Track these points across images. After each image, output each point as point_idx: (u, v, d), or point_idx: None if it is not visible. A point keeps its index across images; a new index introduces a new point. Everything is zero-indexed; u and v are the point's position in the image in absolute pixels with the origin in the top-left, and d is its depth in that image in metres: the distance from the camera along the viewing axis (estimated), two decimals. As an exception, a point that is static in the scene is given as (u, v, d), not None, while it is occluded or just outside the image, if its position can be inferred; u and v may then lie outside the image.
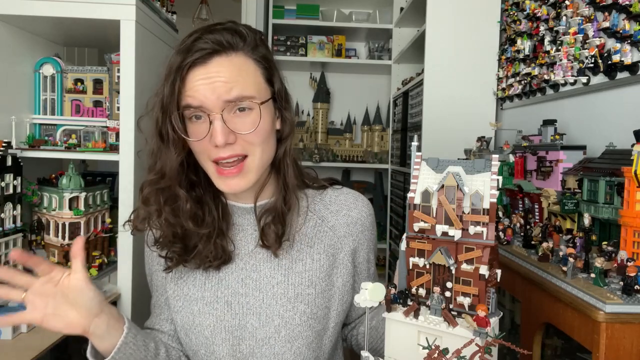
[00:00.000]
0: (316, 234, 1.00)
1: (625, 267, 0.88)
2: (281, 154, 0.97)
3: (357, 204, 1.05)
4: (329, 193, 1.05)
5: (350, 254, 1.02)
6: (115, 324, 0.89)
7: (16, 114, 1.60)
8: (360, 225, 1.03)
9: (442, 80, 2.35)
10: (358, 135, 3.70)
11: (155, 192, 0.92)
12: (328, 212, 1.03)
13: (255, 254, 0.98)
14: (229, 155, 0.87)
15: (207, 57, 0.86)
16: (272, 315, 0.95)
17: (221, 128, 0.85)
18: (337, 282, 1.00)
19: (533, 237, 1.19)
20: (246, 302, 0.96)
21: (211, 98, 0.85)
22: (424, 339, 0.71)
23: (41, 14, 1.52)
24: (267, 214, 0.97)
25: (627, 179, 0.95)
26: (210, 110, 0.86)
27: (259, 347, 0.95)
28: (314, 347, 0.98)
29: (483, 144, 1.92)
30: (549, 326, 1.06)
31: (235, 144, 0.88)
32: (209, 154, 0.89)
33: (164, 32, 1.85)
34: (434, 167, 0.78)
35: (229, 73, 0.86)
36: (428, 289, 0.74)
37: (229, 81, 0.86)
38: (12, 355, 1.11)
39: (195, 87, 0.86)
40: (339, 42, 3.51)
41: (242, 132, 0.87)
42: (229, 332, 0.95)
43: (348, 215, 1.03)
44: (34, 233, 1.59)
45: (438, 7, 2.35)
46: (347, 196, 1.05)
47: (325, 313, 0.99)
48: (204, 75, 0.86)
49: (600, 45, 1.46)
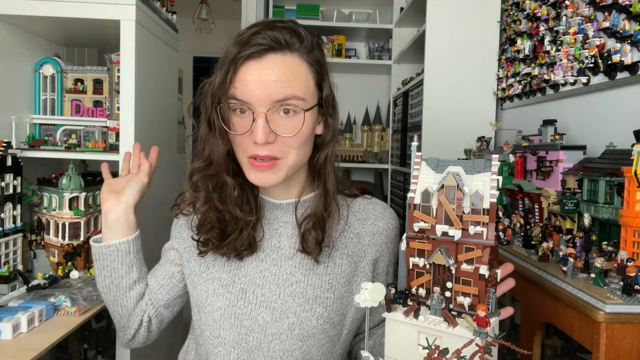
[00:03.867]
0: (341, 239, 1.00)
1: (625, 267, 0.88)
2: (322, 159, 0.97)
3: (384, 214, 1.05)
4: (358, 201, 1.06)
5: (372, 263, 1.02)
6: (126, 228, 1.06)
7: (16, 114, 1.60)
8: (385, 236, 1.04)
9: (442, 80, 2.35)
10: (358, 135, 3.70)
11: (204, 178, 0.95)
12: (355, 219, 1.03)
13: (278, 249, 0.99)
14: (265, 154, 0.88)
15: (262, 52, 0.87)
16: (287, 312, 0.95)
17: (263, 127, 0.86)
18: (355, 290, 1.00)
19: (533, 237, 1.19)
20: (261, 294, 0.96)
21: (260, 96, 0.86)
22: (424, 339, 0.71)
23: (41, 14, 1.52)
24: (307, 220, 0.97)
25: (627, 179, 0.95)
26: (256, 108, 0.86)
27: (267, 341, 0.95)
28: (324, 351, 0.97)
29: (483, 144, 1.92)
30: (549, 326, 1.06)
31: (274, 144, 0.88)
32: (246, 148, 0.90)
33: (164, 32, 1.85)
34: (434, 167, 0.78)
35: (281, 72, 0.87)
36: (428, 289, 0.74)
37: (281, 80, 0.86)
38: (12, 355, 1.10)
39: (246, 81, 0.86)
40: (339, 42, 3.51)
41: (283, 134, 0.88)
42: (238, 319, 0.95)
43: (375, 225, 1.03)
44: (34, 233, 1.59)
45: (438, 7, 2.35)
46: (376, 206, 1.06)
47: (341, 319, 0.99)
48: (256, 71, 0.86)
49: (600, 45, 1.46)
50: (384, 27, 3.36)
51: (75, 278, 1.55)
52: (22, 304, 1.31)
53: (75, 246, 1.61)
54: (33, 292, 1.39)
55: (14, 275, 1.43)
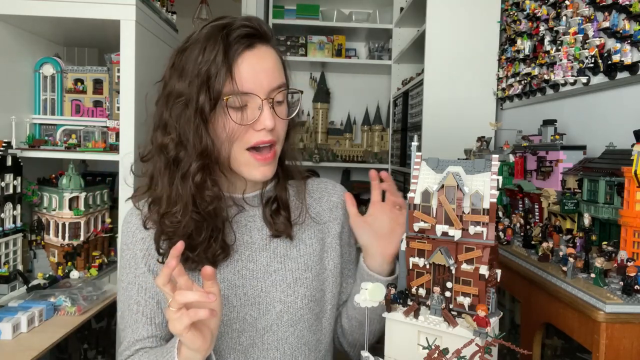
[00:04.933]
0: (305, 221, 1.04)
1: (625, 267, 0.87)
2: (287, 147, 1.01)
3: (335, 189, 1.11)
4: (309, 183, 1.10)
5: (337, 237, 1.06)
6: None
7: (16, 114, 1.60)
8: (341, 208, 1.08)
9: (442, 80, 2.35)
10: (358, 135, 3.70)
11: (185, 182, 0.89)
12: (312, 199, 1.07)
13: (250, 245, 0.99)
14: (270, 139, 0.90)
15: (252, 43, 0.88)
16: (272, 302, 0.97)
17: (272, 112, 0.88)
18: (328, 266, 1.04)
19: (533, 237, 1.19)
20: (244, 294, 0.96)
21: (262, 83, 0.88)
22: (424, 339, 0.71)
23: (41, 14, 1.52)
24: (272, 204, 1.00)
25: (627, 179, 0.95)
26: (262, 96, 0.88)
27: (259, 336, 0.96)
28: (314, 330, 1.01)
29: (483, 144, 1.92)
30: (549, 326, 1.06)
31: (273, 131, 0.91)
32: (248, 140, 0.89)
33: (164, 32, 1.85)
34: (434, 167, 0.78)
35: (272, 61, 0.91)
36: (428, 289, 0.74)
37: (272, 68, 0.90)
38: (12, 355, 1.11)
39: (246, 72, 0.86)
40: (339, 42, 3.51)
41: (282, 118, 0.92)
42: (227, 325, 0.95)
43: (329, 201, 1.08)
44: (34, 233, 1.59)
45: (438, 7, 2.35)
46: (327, 184, 1.12)
47: (322, 295, 1.02)
48: (255, 60, 0.88)
49: (600, 45, 1.46)
50: (384, 27, 3.36)
51: (75, 278, 1.55)
52: (22, 304, 1.31)
53: (75, 246, 1.61)
54: (33, 292, 1.39)
55: (14, 275, 1.43)
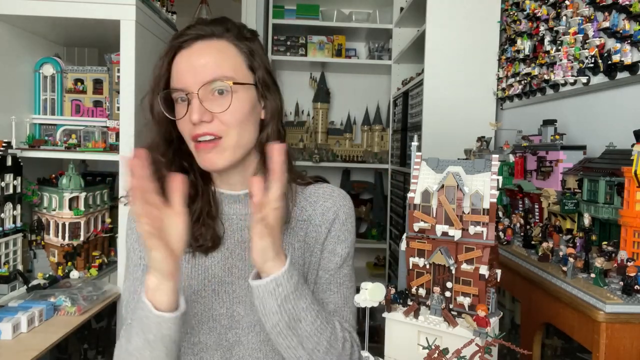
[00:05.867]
0: (296, 224, 1.04)
1: (625, 267, 0.88)
2: (264, 138, 1.00)
3: (332, 194, 1.08)
4: (310, 187, 1.10)
5: (322, 242, 1.06)
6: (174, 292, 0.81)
7: (16, 114, 1.60)
8: (332, 213, 1.06)
9: (442, 80, 2.35)
10: (358, 135, 3.70)
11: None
12: (307, 203, 1.07)
13: (241, 243, 1.01)
14: (203, 132, 0.92)
15: (190, 41, 0.94)
16: None
17: (197, 106, 0.90)
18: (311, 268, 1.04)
19: (533, 237, 1.19)
20: (232, 291, 0.98)
21: (191, 80, 0.91)
22: (424, 339, 0.71)
23: (41, 14, 1.52)
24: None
25: (627, 179, 0.95)
26: (190, 91, 0.91)
27: (245, 334, 0.98)
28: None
29: (483, 144, 1.92)
30: (549, 326, 1.06)
31: (212, 123, 0.92)
32: (189, 132, 0.94)
33: (164, 32, 1.85)
34: (434, 167, 0.78)
35: (209, 56, 0.93)
36: (428, 289, 0.74)
37: (208, 63, 0.92)
38: (12, 355, 1.11)
39: (178, 70, 0.93)
40: (339, 42, 3.51)
41: (217, 111, 0.92)
42: (216, 320, 0.97)
43: (323, 205, 1.07)
44: (34, 233, 1.59)
45: (438, 7, 2.35)
46: (326, 189, 1.10)
47: None
48: (185, 59, 0.93)
49: (600, 45, 1.46)
50: (384, 27, 3.36)
51: (75, 278, 1.55)
52: (22, 304, 1.31)
53: (75, 246, 1.61)
54: (33, 292, 1.39)
55: (14, 275, 1.43)
